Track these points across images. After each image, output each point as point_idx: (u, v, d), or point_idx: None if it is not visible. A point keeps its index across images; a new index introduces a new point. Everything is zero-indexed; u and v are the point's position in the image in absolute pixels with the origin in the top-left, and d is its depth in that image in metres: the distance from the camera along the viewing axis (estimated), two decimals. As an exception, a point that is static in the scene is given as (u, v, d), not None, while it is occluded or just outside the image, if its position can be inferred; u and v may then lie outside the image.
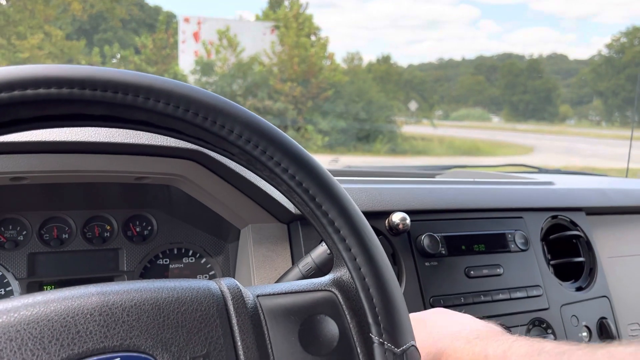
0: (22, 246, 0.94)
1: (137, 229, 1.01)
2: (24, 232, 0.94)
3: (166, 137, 0.70)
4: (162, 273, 1.02)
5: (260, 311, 0.56)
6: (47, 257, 0.95)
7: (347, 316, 0.60)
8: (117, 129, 0.71)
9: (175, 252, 1.04)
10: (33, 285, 0.93)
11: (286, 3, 19.52)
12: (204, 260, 1.05)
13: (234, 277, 1.02)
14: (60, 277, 0.95)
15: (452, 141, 21.11)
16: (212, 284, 0.56)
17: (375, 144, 17.18)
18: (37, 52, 15.76)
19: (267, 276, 0.93)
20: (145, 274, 1.01)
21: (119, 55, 18.19)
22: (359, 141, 17.03)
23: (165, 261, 1.03)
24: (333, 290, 0.62)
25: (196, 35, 17.77)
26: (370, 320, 0.57)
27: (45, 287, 0.94)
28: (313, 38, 19.05)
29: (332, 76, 17.99)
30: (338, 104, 16.95)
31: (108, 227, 0.99)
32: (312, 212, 0.58)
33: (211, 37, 17.31)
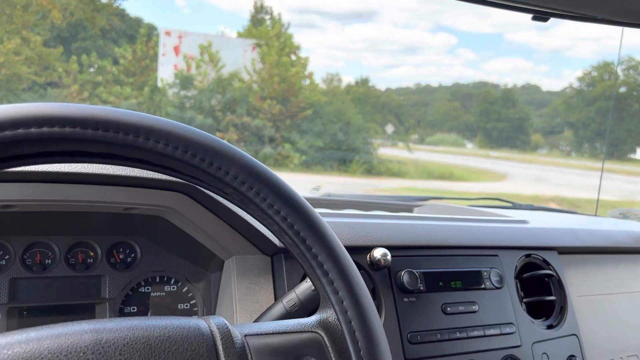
0: (4, 271, 0.93)
1: (121, 256, 1.01)
2: (7, 257, 0.93)
3: None
4: (144, 301, 1.02)
5: (248, 351, 0.58)
6: (29, 283, 0.94)
7: (333, 358, 0.62)
8: None
9: (158, 280, 1.04)
10: (13, 311, 0.92)
11: (268, 22, 19.64)
12: (185, 288, 1.06)
13: (215, 308, 1.03)
14: (41, 303, 0.94)
15: (426, 165, 21.35)
16: (202, 323, 0.58)
17: (352, 164, 17.27)
18: (13, 58, 15.45)
19: (250, 309, 0.94)
20: (127, 302, 1.01)
21: (96, 65, 17.94)
22: (336, 161, 17.10)
23: (147, 289, 1.03)
24: (319, 331, 0.63)
25: (177, 49, 17.70)
26: None
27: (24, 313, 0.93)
28: (293, 57, 19.16)
29: (311, 96, 18.06)
30: (316, 123, 17.01)
31: (92, 254, 0.99)
32: (302, 253, 0.60)
33: (192, 51, 17.27)
